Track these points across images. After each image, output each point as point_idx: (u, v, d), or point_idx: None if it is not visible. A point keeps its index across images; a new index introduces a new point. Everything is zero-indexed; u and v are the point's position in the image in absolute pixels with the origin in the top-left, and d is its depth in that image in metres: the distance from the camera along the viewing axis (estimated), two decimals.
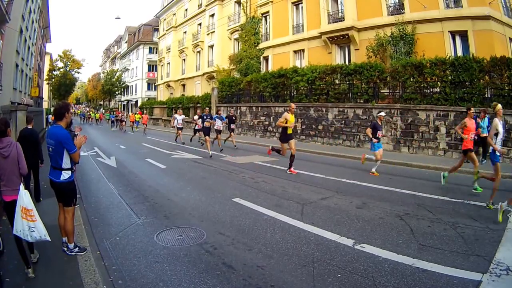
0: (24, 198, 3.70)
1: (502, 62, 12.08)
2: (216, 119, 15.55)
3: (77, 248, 4.43)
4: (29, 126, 7.31)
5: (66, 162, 4.32)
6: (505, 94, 12.05)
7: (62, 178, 4.33)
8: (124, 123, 32.19)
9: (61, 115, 4.33)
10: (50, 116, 27.05)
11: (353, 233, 5.15)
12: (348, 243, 4.75)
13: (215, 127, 15.47)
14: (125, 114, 36.50)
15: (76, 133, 6.98)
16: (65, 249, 4.44)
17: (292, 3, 24.51)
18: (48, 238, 3.82)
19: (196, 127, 16.98)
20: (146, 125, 28.95)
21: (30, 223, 3.66)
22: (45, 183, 6.09)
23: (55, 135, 4.23)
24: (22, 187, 3.83)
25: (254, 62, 26.83)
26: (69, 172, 4.38)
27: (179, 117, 19.70)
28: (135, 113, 36.97)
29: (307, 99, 18.57)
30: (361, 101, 16.23)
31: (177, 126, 19.37)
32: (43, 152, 6.86)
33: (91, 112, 56.68)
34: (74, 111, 61.26)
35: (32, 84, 35.22)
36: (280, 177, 9.40)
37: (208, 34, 35.02)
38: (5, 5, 19.69)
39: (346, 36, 20.22)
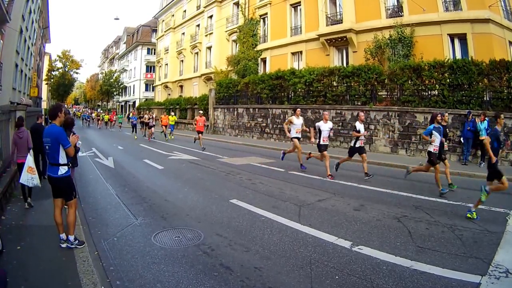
0: (29, 161, 5.40)
1: (501, 65, 12.11)
2: (434, 131, 7.93)
3: (77, 241, 4.62)
4: (38, 122, 9.14)
5: (62, 157, 4.60)
6: (504, 97, 12.09)
7: (59, 173, 4.59)
8: (152, 129, 21.93)
9: (54, 115, 4.67)
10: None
11: (350, 235, 5.14)
12: (345, 245, 4.74)
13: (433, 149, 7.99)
14: (153, 115, 24.08)
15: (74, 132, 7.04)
16: (63, 244, 4.61)
17: (291, 5, 24.52)
18: (40, 185, 5.55)
19: (359, 144, 9.69)
20: (202, 132, 17.17)
21: (32, 175, 5.32)
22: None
23: (51, 133, 4.55)
24: (29, 155, 5.58)
25: (251, 64, 26.81)
26: (66, 167, 4.66)
27: (297, 121, 10.87)
28: (171, 114, 24.49)
29: (305, 101, 18.58)
30: (359, 103, 16.25)
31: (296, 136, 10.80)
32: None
33: (94, 113, 47.02)
34: (74, 112, 60.33)
35: (31, 84, 35.16)
36: (277, 179, 9.40)
37: (206, 36, 34.99)
38: (5, 5, 19.65)
39: (344, 39, 20.25)
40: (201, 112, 18.54)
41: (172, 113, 25.08)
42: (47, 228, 5.21)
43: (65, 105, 65.63)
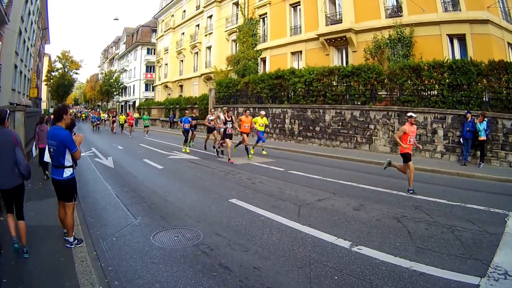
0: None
1: (500, 66, 12.10)
2: None
3: (76, 241, 4.62)
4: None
5: (68, 160, 4.55)
6: (503, 98, 12.08)
7: (64, 175, 4.54)
8: (226, 141, 13.52)
9: (60, 117, 4.55)
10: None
11: (350, 235, 5.13)
12: (345, 245, 4.73)
13: None
14: (232, 116, 14.57)
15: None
16: (67, 238, 4.66)
17: (290, 4, 24.51)
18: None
19: None
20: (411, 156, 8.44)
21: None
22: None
23: (57, 136, 4.44)
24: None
25: (251, 64, 26.80)
26: (71, 169, 4.61)
27: None
28: (260, 114, 15.41)
29: (304, 101, 18.57)
30: (359, 103, 16.24)
31: None
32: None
33: (102, 114, 40.58)
34: (75, 113, 59.10)
35: (30, 85, 35.16)
36: (277, 178, 9.39)
37: (206, 36, 34.99)
38: (4, 7, 19.64)
39: (344, 38, 20.25)
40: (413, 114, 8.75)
41: (262, 112, 15.25)
42: (46, 229, 5.21)
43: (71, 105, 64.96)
